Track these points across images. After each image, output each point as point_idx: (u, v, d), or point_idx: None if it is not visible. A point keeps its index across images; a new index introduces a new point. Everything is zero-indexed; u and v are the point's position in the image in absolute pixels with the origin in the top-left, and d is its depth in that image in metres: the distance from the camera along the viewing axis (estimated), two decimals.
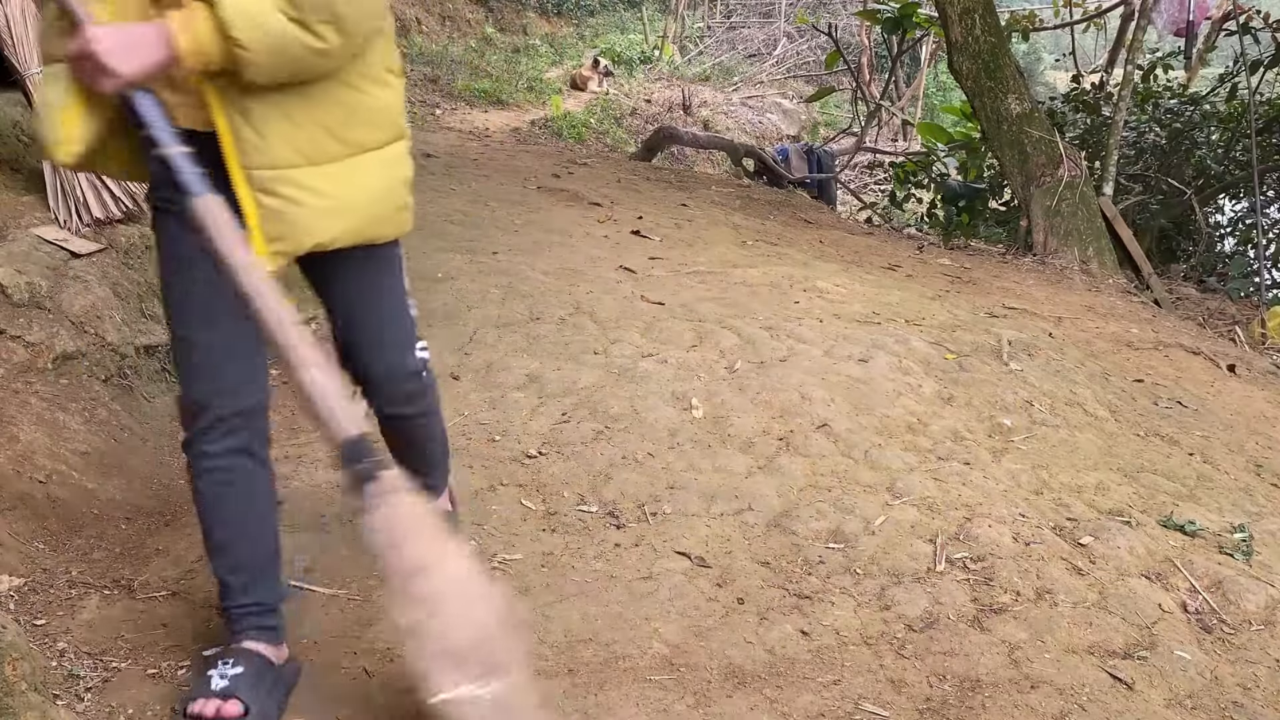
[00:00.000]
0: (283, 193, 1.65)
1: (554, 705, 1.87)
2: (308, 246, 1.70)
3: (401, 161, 1.79)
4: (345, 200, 1.70)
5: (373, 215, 1.75)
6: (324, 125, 1.66)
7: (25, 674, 1.68)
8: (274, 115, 1.62)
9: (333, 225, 1.70)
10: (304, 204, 1.66)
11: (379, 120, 1.73)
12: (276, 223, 1.66)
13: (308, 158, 1.66)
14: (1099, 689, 2.03)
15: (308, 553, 2.29)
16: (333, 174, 1.68)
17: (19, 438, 2.43)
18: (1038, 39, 14.54)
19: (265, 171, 1.64)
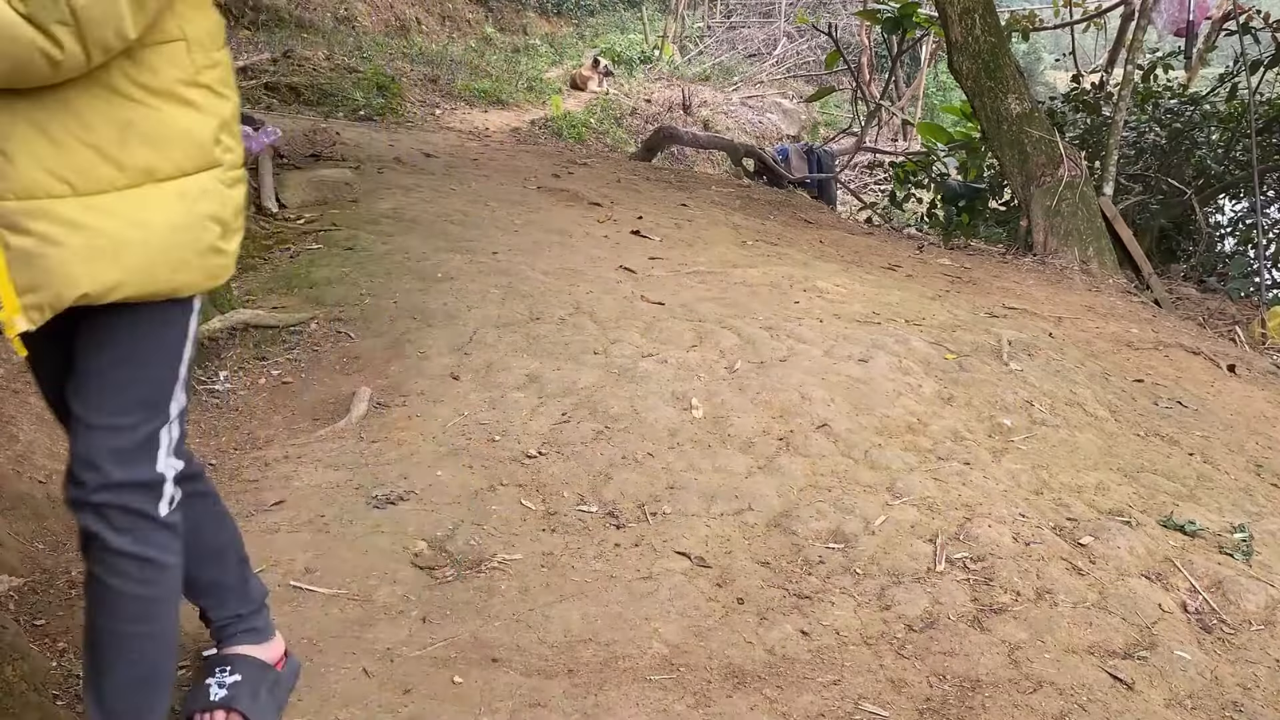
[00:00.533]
0: (36, 230, 1.32)
1: (554, 705, 1.88)
2: (71, 299, 1.35)
3: (207, 196, 1.44)
4: (124, 238, 1.37)
5: (161, 260, 1.40)
6: (94, 146, 1.34)
7: (25, 674, 1.68)
8: (27, 132, 1.31)
9: (105, 271, 1.36)
10: (64, 244, 1.33)
11: (172, 144, 1.40)
12: (28, 268, 1.32)
13: (71, 185, 1.33)
14: (1099, 689, 2.03)
15: (307, 553, 2.30)
16: (104, 206, 1.35)
17: (19, 438, 2.43)
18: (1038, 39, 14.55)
19: (13, 203, 1.31)
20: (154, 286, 1.41)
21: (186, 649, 1.96)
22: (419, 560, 2.32)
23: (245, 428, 2.97)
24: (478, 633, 2.07)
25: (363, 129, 7.68)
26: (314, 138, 5.99)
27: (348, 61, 10.25)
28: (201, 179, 1.44)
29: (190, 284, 1.45)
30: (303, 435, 2.88)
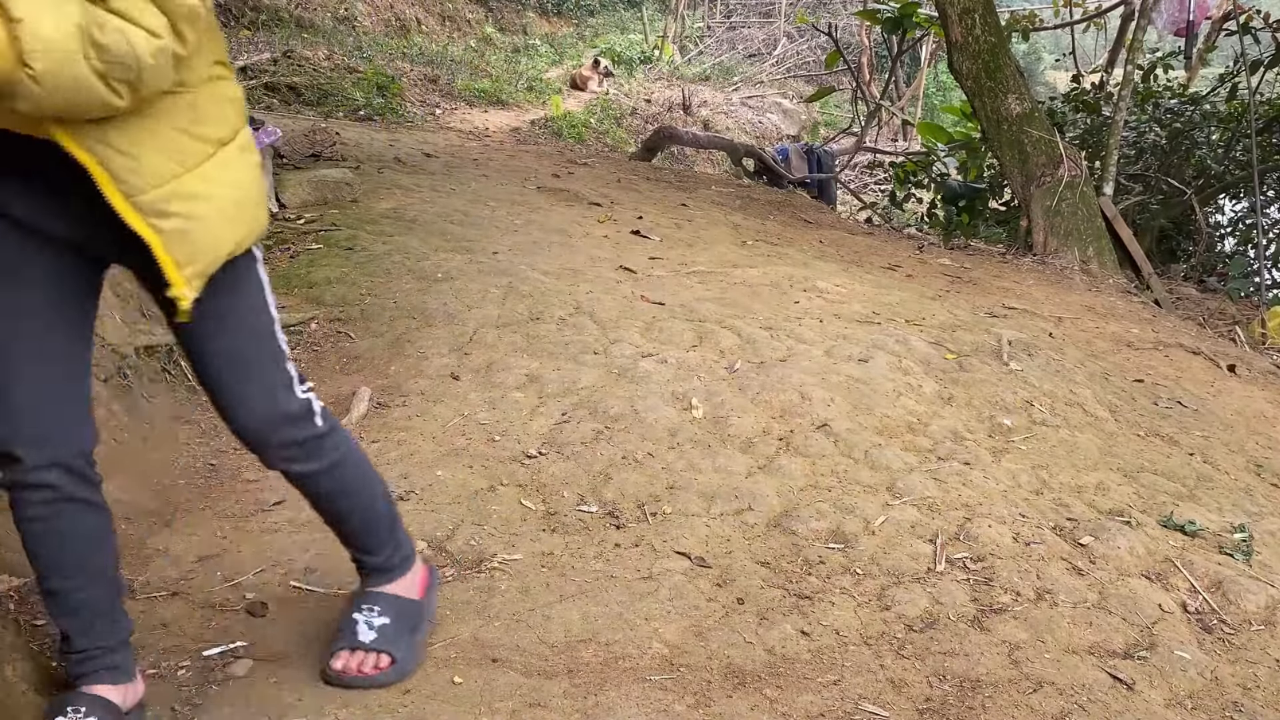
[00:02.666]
0: (177, 209, 1.49)
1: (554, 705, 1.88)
2: (222, 258, 1.55)
3: (251, 147, 1.63)
4: (234, 198, 1.56)
5: (259, 204, 1.62)
6: (180, 129, 1.50)
7: (25, 674, 1.68)
8: (136, 132, 1.46)
9: (236, 228, 1.56)
10: (203, 215, 1.51)
11: (224, 111, 1.57)
12: (183, 244, 1.50)
13: (183, 164, 1.50)
14: (1099, 689, 2.03)
15: (308, 552, 2.30)
16: (211, 175, 1.53)
17: None
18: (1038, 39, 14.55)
19: (151, 194, 1.47)
20: (254, 234, 1.61)
21: (186, 649, 1.96)
22: None
23: None
24: (478, 633, 2.07)
25: (363, 129, 7.68)
26: (314, 138, 5.99)
27: (348, 61, 10.25)
28: (245, 132, 1.62)
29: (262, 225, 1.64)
30: None
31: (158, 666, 1.91)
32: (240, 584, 2.18)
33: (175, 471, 2.68)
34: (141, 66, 1.38)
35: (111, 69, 1.35)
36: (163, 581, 2.17)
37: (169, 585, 2.16)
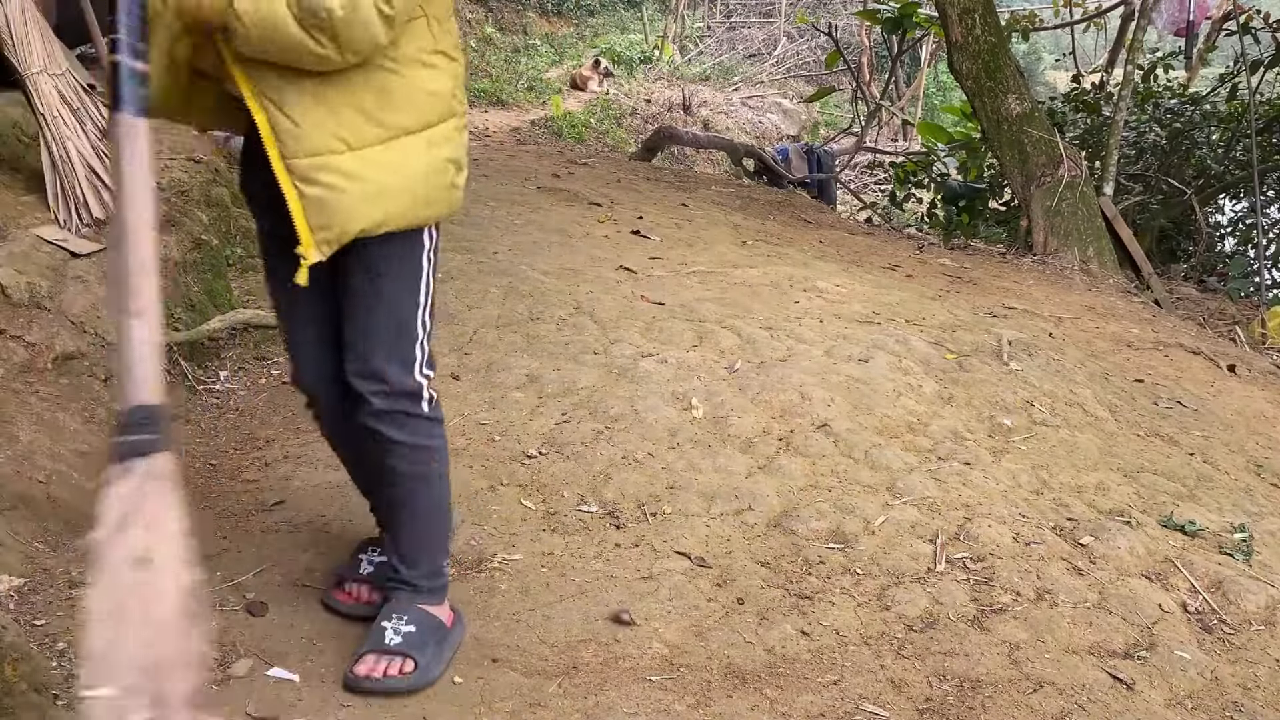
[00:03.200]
0: (323, 180, 1.65)
1: (553, 706, 1.88)
2: (352, 233, 1.69)
3: (448, 142, 1.77)
4: (386, 184, 1.70)
5: (416, 197, 1.74)
6: (360, 109, 1.66)
7: (25, 674, 1.68)
8: (309, 102, 1.63)
9: (374, 210, 1.69)
10: (345, 190, 1.66)
11: (420, 102, 1.72)
12: (319, 212, 1.66)
13: (346, 143, 1.66)
14: (1099, 689, 2.03)
15: (308, 552, 2.30)
16: (372, 158, 1.68)
17: (19, 438, 2.43)
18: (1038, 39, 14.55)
19: (304, 160, 1.64)
20: (409, 220, 1.74)
21: None
22: None
23: (245, 428, 2.96)
24: (478, 633, 2.07)
25: None
26: None
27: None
28: (443, 128, 1.76)
29: (434, 215, 1.79)
30: (303, 435, 2.88)
31: None
32: (240, 584, 2.18)
33: (175, 471, 2.68)
34: (332, 16, 1.53)
35: (304, 15, 1.53)
36: None
37: None
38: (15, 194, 3.15)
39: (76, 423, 2.61)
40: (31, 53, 3.07)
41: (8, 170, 3.23)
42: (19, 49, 3.06)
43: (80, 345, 2.76)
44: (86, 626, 1.38)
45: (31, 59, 3.07)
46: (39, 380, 2.63)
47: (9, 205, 3.08)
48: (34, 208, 3.11)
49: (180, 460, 2.75)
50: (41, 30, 3.12)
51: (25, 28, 3.08)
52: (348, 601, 2.07)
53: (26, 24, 3.09)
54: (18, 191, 3.16)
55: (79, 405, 2.66)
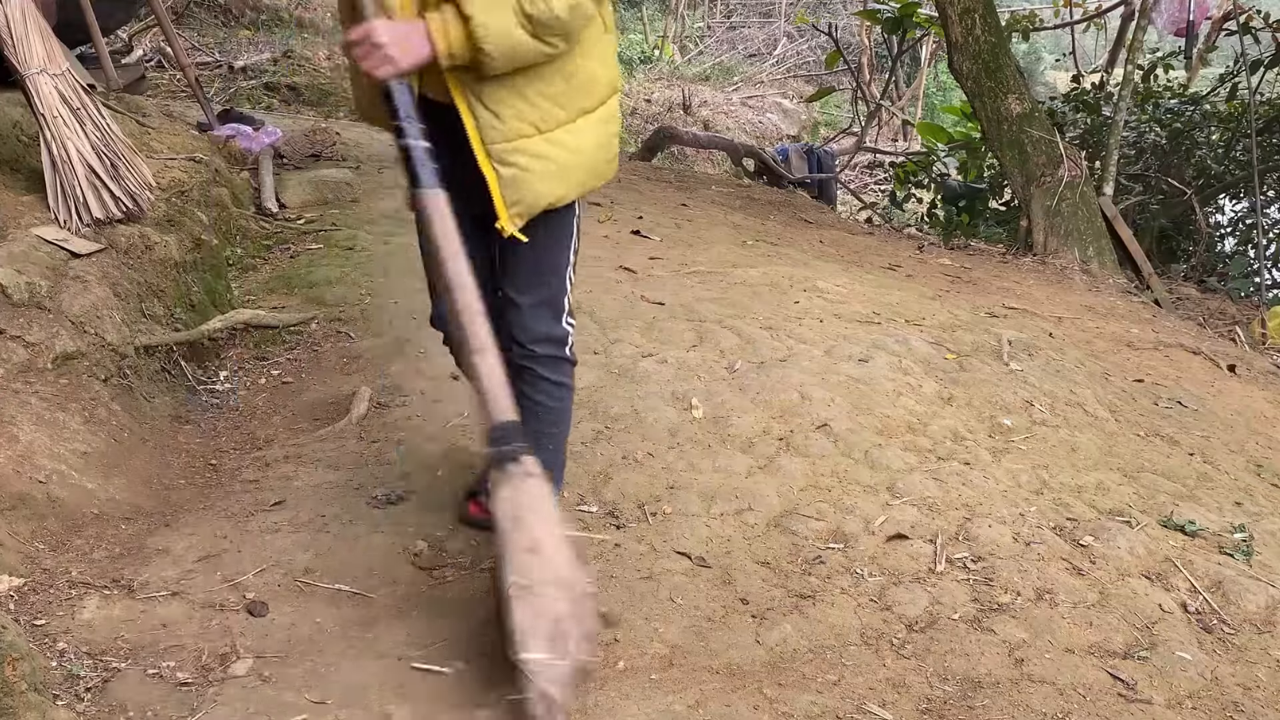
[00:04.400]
0: (517, 162, 1.90)
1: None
2: (541, 206, 1.96)
3: (614, 118, 2.04)
4: (568, 161, 1.95)
5: (590, 170, 2.00)
6: (549, 97, 1.90)
7: (25, 674, 1.68)
8: (506, 95, 1.88)
9: (559, 186, 1.96)
10: (534, 170, 1.92)
11: (594, 84, 1.96)
12: (513, 189, 1.92)
13: (537, 128, 1.91)
14: (1099, 689, 2.03)
15: (308, 552, 2.30)
16: (558, 139, 1.93)
17: (19, 438, 2.43)
18: (1038, 39, 14.53)
19: (501, 145, 1.89)
20: (583, 190, 2.02)
21: (187, 649, 1.96)
22: (419, 560, 2.32)
23: (245, 428, 2.96)
24: (478, 633, 2.07)
25: (363, 129, 7.67)
26: (314, 138, 5.98)
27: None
28: (611, 104, 2.02)
29: (600, 184, 2.06)
30: (303, 435, 2.88)
31: (157, 666, 1.91)
32: (240, 584, 2.18)
33: (175, 471, 2.68)
34: (562, 21, 1.80)
35: (539, 29, 1.79)
36: (163, 581, 2.16)
37: (169, 585, 2.15)
38: (15, 194, 3.15)
39: (76, 423, 2.61)
40: (31, 53, 3.07)
41: (8, 170, 3.23)
42: (19, 49, 3.06)
43: (80, 345, 2.76)
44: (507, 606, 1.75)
45: (31, 59, 3.07)
46: (39, 380, 2.63)
47: (9, 205, 3.08)
48: (34, 207, 3.11)
49: (181, 460, 2.76)
50: (41, 30, 3.12)
51: (25, 28, 3.08)
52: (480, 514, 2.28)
53: (26, 24, 3.09)
54: (18, 191, 3.16)
55: (79, 405, 2.65)
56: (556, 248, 2.09)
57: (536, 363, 2.14)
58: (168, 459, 2.73)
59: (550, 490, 2.09)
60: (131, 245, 3.17)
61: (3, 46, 3.06)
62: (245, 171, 4.74)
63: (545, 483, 1.86)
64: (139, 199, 3.22)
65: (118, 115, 3.64)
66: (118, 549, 2.29)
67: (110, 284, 2.99)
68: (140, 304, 3.09)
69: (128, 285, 3.07)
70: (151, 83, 6.45)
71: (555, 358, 2.17)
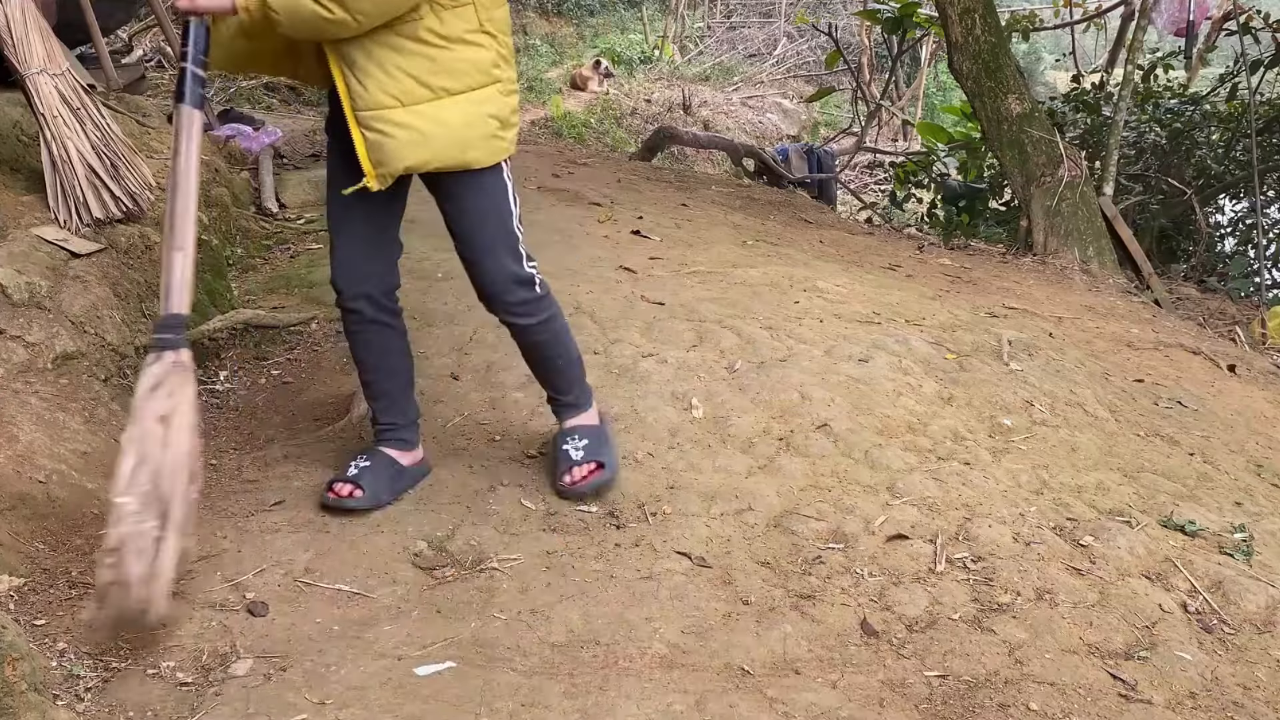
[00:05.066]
0: (379, 128, 2.15)
1: (552, 706, 1.88)
2: (399, 170, 2.19)
3: (489, 102, 2.23)
4: (427, 133, 2.16)
5: (456, 143, 2.20)
6: (412, 75, 2.13)
7: (25, 674, 1.68)
8: (373, 69, 2.12)
9: (418, 152, 2.17)
10: (394, 136, 2.15)
11: (463, 70, 2.18)
12: (376, 151, 2.17)
13: (399, 100, 2.14)
14: (1099, 689, 2.03)
15: (308, 552, 2.30)
16: (420, 112, 2.15)
17: (19, 438, 2.43)
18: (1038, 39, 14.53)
19: (366, 113, 2.15)
20: (452, 161, 2.22)
21: (187, 649, 1.96)
22: (419, 560, 2.32)
23: (245, 428, 2.96)
24: (478, 633, 2.07)
25: None
26: (314, 138, 5.98)
27: None
28: (485, 91, 2.23)
29: (479, 159, 2.26)
30: (303, 435, 2.88)
31: (157, 666, 1.91)
32: (240, 584, 2.18)
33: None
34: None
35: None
36: None
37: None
38: (15, 194, 3.15)
39: (76, 423, 2.61)
40: (31, 53, 3.07)
41: (8, 170, 3.23)
42: (19, 49, 3.06)
43: (80, 345, 2.76)
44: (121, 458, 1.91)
45: (31, 59, 3.07)
46: (39, 380, 2.63)
47: (9, 205, 3.08)
48: (34, 208, 3.11)
49: None
50: (41, 30, 3.12)
51: (25, 28, 3.08)
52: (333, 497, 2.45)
53: (26, 24, 3.09)
54: (18, 191, 3.16)
55: (79, 405, 2.65)
56: (489, 201, 2.32)
57: (515, 314, 2.42)
58: None
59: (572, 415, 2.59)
60: (131, 245, 3.17)
61: (3, 46, 3.06)
62: (245, 171, 4.75)
63: (193, 379, 2.04)
64: (139, 199, 3.22)
65: (118, 115, 3.64)
66: None
67: (110, 284, 2.99)
68: (140, 304, 3.09)
69: (128, 285, 3.07)
70: (151, 83, 6.44)
71: (529, 300, 2.41)
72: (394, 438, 2.53)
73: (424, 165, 2.21)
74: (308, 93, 8.51)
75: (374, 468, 2.47)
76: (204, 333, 3.20)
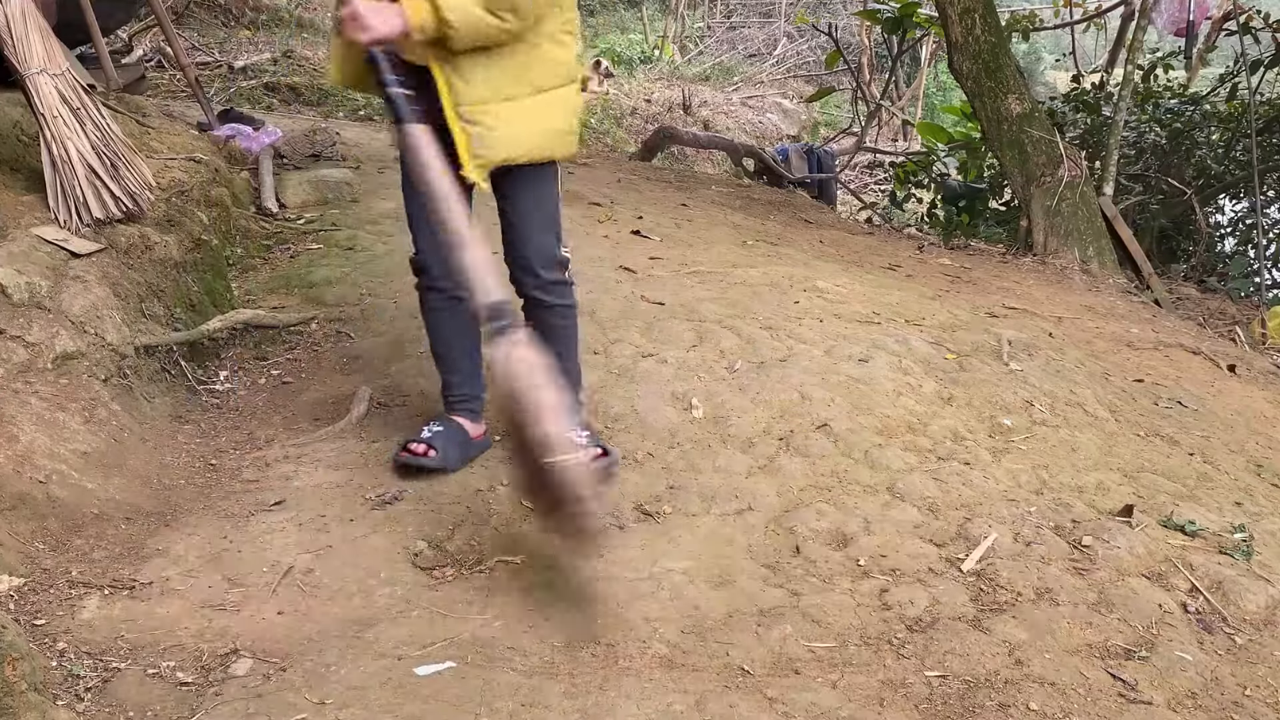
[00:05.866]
0: (482, 121, 2.30)
1: (554, 706, 1.88)
2: (499, 160, 2.34)
3: (570, 100, 2.42)
4: (525, 127, 2.34)
5: (547, 138, 2.39)
6: (511, 72, 2.30)
7: (25, 674, 1.68)
8: (475, 66, 2.27)
9: (516, 146, 2.34)
10: (496, 129, 2.30)
11: (553, 69, 2.36)
12: (477, 144, 2.31)
13: (500, 96, 2.30)
14: (1099, 689, 2.03)
15: (308, 553, 2.30)
16: (518, 107, 2.32)
17: (19, 438, 2.43)
18: (1038, 39, 14.53)
19: (469, 107, 2.29)
20: (539, 155, 2.41)
21: (187, 649, 1.96)
22: (419, 560, 2.32)
23: (245, 428, 2.96)
24: (478, 633, 2.07)
25: (362, 129, 7.67)
26: (314, 138, 5.98)
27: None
28: (569, 90, 2.42)
29: (557, 153, 2.46)
30: (303, 435, 2.88)
31: (157, 666, 1.91)
32: (240, 584, 2.18)
33: (175, 471, 2.68)
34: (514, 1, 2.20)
35: (491, 4, 2.19)
36: (163, 581, 2.16)
37: (169, 585, 2.15)
38: (15, 194, 3.15)
39: (76, 423, 2.61)
40: (31, 53, 3.07)
41: (8, 170, 3.23)
42: (19, 49, 3.06)
43: (80, 345, 2.76)
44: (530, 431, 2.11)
45: (31, 59, 3.07)
46: (39, 380, 2.63)
47: (9, 205, 3.08)
48: (34, 208, 3.10)
49: (181, 460, 2.76)
50: (41, 30, 3.12)
51: (25, 28, 3.08)
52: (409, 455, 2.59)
53: (26, 24, 3.09)
54: (18, 191, 3.16)
55: (79, 405, 2.65)
56: (545, 190, 2.50)
57: (547, 291, 2.54)
58: (167, 459, 2.73)
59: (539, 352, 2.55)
60: (131, 245, 3.17)
61: (3, 46, 3.06)
62: (245, 171, 4.74)
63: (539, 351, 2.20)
64: (139, 199, 3.22)
65: (118, 115, 3.64)
66: (118, 549, 2.29)
67: (110, 284, 2.99)
68: (140, 304, 3.09)
69: (128, 285, 3.07)
70: (151, 83, 6.44)
71: (561, 283, 2.57)
72: (465, 408, 2.67)
73: (520, 158, 2.36)
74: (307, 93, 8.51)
75: (447, 433, 2.62)
76: (204, 333, 3.20)
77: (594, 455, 2.53)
